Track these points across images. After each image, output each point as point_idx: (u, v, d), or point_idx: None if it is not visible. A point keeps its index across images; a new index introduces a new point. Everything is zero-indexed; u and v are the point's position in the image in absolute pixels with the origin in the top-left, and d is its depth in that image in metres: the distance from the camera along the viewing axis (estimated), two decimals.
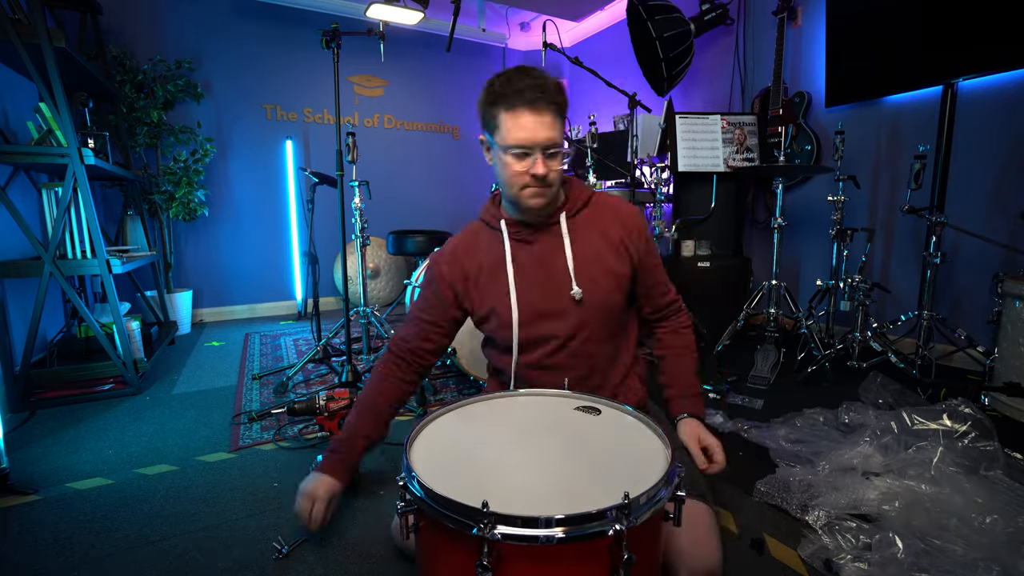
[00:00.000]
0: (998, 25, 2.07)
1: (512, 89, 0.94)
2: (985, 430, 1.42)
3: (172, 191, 3.41)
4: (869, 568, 1.08)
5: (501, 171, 1.01)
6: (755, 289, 2.68)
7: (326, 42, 2.14)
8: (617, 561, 0.55)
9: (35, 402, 2.14)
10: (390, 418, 1.21)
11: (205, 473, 1.60)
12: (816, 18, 2.99)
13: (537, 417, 0.83)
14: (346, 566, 1.16)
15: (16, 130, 2.48)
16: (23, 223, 2.12)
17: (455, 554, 0.59)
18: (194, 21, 3.63)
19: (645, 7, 3.25)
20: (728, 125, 3.02)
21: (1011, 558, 1.05)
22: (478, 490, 0.61)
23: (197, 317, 3.82)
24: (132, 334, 2.42)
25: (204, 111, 3.70)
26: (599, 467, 0.67)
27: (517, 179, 0.98)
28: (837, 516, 1.25)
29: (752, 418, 1.89)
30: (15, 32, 1.97)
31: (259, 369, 2.62)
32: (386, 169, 4.45)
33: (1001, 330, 1.99)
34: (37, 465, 1.65)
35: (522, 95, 0.93)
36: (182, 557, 1.20)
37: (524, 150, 0.95)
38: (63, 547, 1.24)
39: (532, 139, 0.94)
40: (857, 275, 2.37)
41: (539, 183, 0.98)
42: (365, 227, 2.49)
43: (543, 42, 2.60)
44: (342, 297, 2.44)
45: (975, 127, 2.39)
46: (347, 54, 4.05)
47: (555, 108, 0.95)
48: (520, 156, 0.96)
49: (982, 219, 2.40)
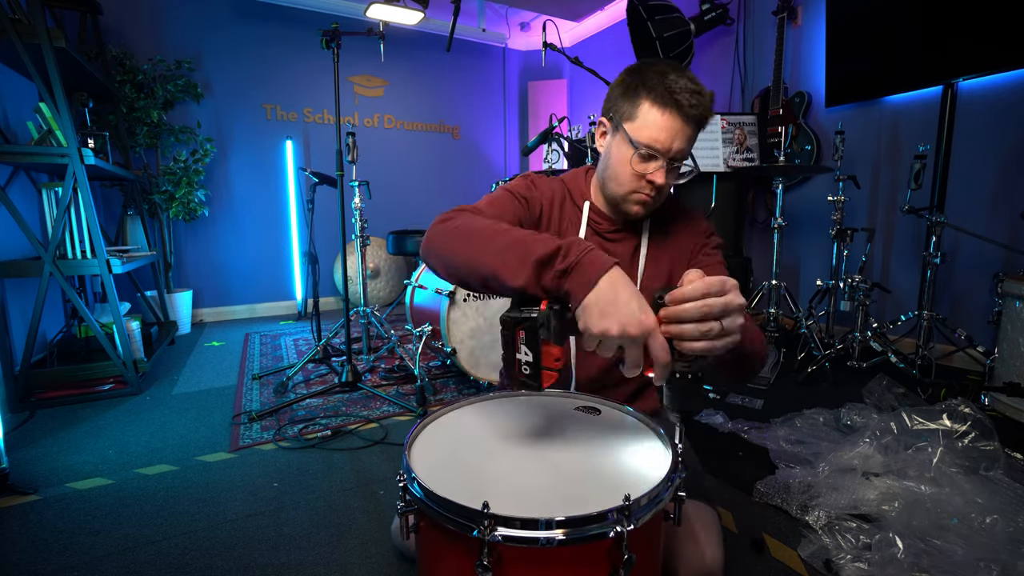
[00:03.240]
0: (998, 25, 2.07)
1: (667, 84, 0.82)
2: (985, 430, 1.42)
3: (172, 191, 3.41)
4: (869, 568, 1.08)
5: (615, 163, 0.90)
6: (755, 289, 2.68)
7: (326, 42, 2.14)
8: (617, 562, 0.55)
9: (35, 402, 2.14)
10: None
11: (205, 473, 1.60)
12: (816, 18, 2.99)
13: (537, 417, 0.83)
14: (346, 566, 1.16)
15: (16, 130, 2.48)
16: (23, 223, 2.12)
17: (455, 555, 0.59)
18: (194, 21, 3.63)
19: (645, 7, 3.25)
20: (728, 125, 3.02)
21: (1011, 558, 1.05)
22: (478, 491, 0.61)
23: (197, 317, 3.83)
24: (132, 334, 2.42)
25: (204, 111, 3.70)
26: (600, 468, 0.67)
27: (630, 180, 0.88)
28: (837, 516, 1.26)
29: (752, 418, 1.89)
30: (15, 32, 1.97)
31: (259, 369, 2.62)
32: (386, 169, 4.45)
33: (1001, 330, 1.99)
34: (37, 465, 1.65)
35: (676, 95, 0.82)
36: (182, 557, 1.20)
37: (653, 152, 0.85)
38: (63, 547, 1.24)
39: (667, 145, 0.84)
40: (857, 275, 2.37)
41: (650, 192, 0.88)
42: (365, 227, 2.49)
43: (543, 42, 2.60)
44: (342, 297, 2.44)
45: (975, 127, 2.39)
46: (347, 54, 4.07)
47: (700, 124, 0.86)
48: (645, 158, 0.86)
49: (982, 219, 2.40)
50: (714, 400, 2.12)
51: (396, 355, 2.75)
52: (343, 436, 1.84)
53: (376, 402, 2.15)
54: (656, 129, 0.83)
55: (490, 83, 4.98)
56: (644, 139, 0.84)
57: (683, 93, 0.81)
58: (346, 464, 1.63)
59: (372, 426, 1.93)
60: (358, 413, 2.04)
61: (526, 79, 5.12)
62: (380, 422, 1.96)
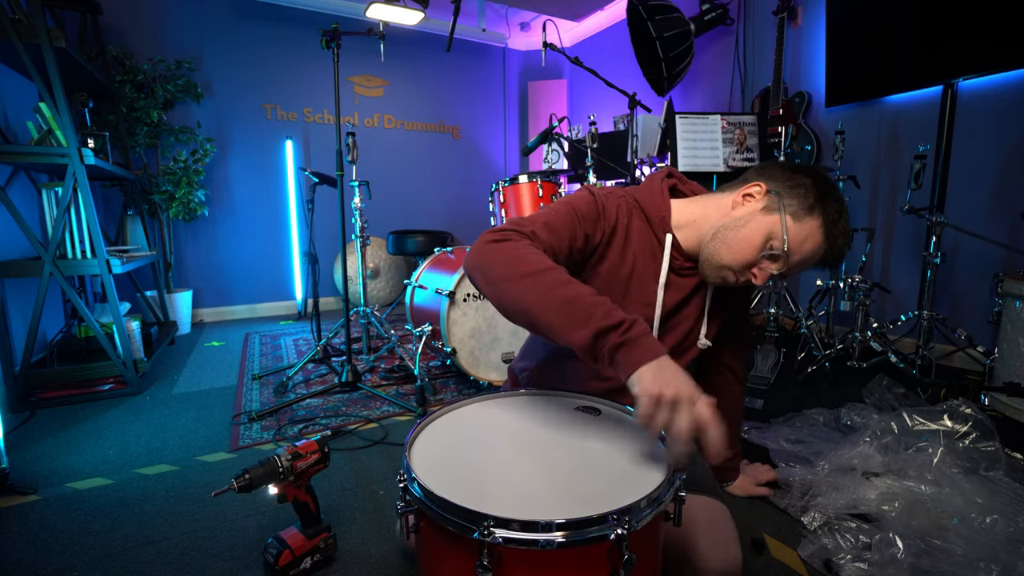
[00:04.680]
0: (998, 25, 2.07)
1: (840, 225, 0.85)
2: (986, 430, 1.42)
3: (172, 191, 3.41)
4: (869, 568, 1.08)
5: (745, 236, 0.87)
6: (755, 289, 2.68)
7: (326, 42, 2.14)
8: (617, 562, 0.55)
9: (35, 402, 2.14)
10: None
11: (205, 473, 1.60)
12: (816, 18, 2.99)
13: (538, 417, 0.83)
14: (346, 566, 1.16)
15: (16, 130, 2.48)
16: (23, 223, 2.12)
17: (455, 555, 0.59)
18: (194, 21, 3.63)
19: (645, 7, 3.25)
20: (728, 125, 3.02)
21: (1011, 558, 1.05)
22: (478, 492, 0.61)
23: (197, 317, 3.83)
24: (132, 334, 2.42)
25: (204, 111, 3.70)
26: (600, 468, 0.67)
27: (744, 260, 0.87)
28: (837, 516, 1.25)
29: (752, 418, 1.89)
30: (15, 32, 1.97)
31: (259, 369, 2.62)
32: (386, 169, 4.45)
33: (1001, 330, 1.99)
34: (37, 465, 1.64)
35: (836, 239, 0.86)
36: (182, 557, 1.20)
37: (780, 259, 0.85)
38: (63, 547, 1.24)
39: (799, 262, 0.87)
40: (857, 275, 2.37)
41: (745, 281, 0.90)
42: (365, 227, 2.49)
43: (543, 42, 2.60)
44: (342, 297, 2.44)
45: (975, 127, 2.39)
46: (347, 54, 4.07)
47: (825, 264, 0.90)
48: (771, 257, 0.86)
49: (982, 219, 2.40)
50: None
51: (396, 355, 2.75)
52: (343, 436, 1.84)
53: (376, 402, 2.15)
54: (807, 252, 0.85)
55: (490, 83, 4.98)
56: (789, 246, 0.84)
57: (840, 239, 0.85)
58: (346, 464, 1.63)
59: (372, 426, 1.93)
60: (358, 413, 2.04)
61: (526, 79, 5.12)
62: (380, 422, 1.96)
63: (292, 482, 1.10)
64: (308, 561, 1.12)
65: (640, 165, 3.37)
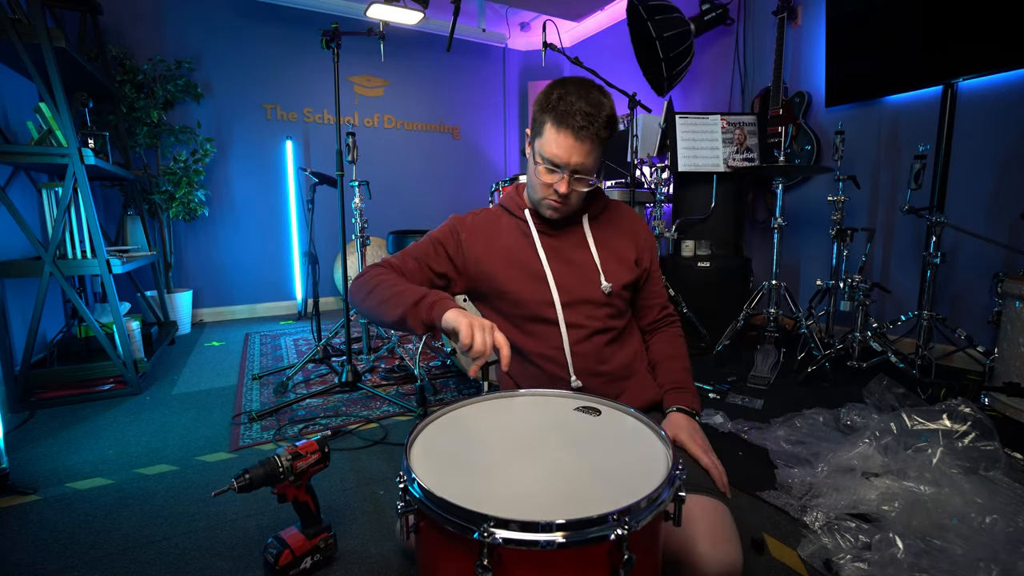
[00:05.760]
0: (998, 25, 2.07)
1: (565, 107, 0.95)
2: (986, 430, 1.42)
3: (172, 191, 3.41)
4: (869, 568, 1.08)
5: (530, 173, 1.05)
6: (755, 289, 2.68)
7: (326, 42, 2.14)
8: (618, 562, 0.55)
9: (35, 402, 2.14)
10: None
11: (205, 473, 1.60)
12: (816, 18, 2.99)
13: (537, 418, 0.83)
14: (346, 566, 1.16)
15: (16, 130, 2.48)
16: (23, 223, 2.12)
17: (455, 555, 0.59)
18: (194, 21, 3.63)
19: (645, 7, 3.25)
20: (728, 125, 3.02)
21: (1011, 558, 1.05)
22: (478, 492, 0.61)
23: (197, 317, 3.83)
24: (132, 334, 2.42)
25: (204, 111, 3.70)
26: (600, 469, 0.67)
27: (541, 188, 1.02)
28: (837, 516, 1.26)
29: (752, 418, 1.89)
30: (15, 32, 1.97)
31: (259, 369, 2.62)
32: (386, 169, 4.45)
33: (1001, 330, 1.99)
34: (37, 465, 1.65)
35: (571, 118, 0.94)
36: (182, 557, 1.20)
37: (554, 167, 0.99)
38: (63, 547, 1.24)
39: (565, 160, 0.97)
40: (857, 275, 2.37)
41: (557, 200, 1.02)
42: (365, 227, 2.49)
43: (543, 42, 2.60)
44: (342, 297, 2.44)
45: (975, 127, 2.39)
46: (347, 54, 4.07)
47: (597, 140, 0.97)
48: (549, 170, 1.00)
49: (982, 219, 2.40)
50: (714, 400, 2.12)
51: (396, 355, 2.75)
52: (343, 436, 1.84)
53: (376, 402, 2.15)
54: (555, 146, 0.96)
55: (490, 83, 4.98)
56: (547, 155, 0.98)
57: (577, 116, 0.93)
58: (346, 464, 1.63)
59: (372, 426, 1.93)
60: (358, 413, 2.04)
61: (526, 79, 5.12)
62: (380, 422, 1.96)
63: (292, 482, 1.11)
64: (308, 561, 1.12)
65: (640, 165, 3.38)
